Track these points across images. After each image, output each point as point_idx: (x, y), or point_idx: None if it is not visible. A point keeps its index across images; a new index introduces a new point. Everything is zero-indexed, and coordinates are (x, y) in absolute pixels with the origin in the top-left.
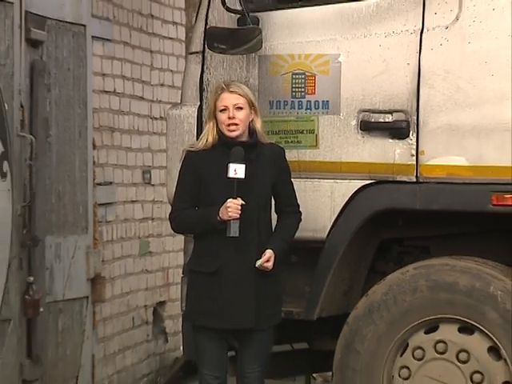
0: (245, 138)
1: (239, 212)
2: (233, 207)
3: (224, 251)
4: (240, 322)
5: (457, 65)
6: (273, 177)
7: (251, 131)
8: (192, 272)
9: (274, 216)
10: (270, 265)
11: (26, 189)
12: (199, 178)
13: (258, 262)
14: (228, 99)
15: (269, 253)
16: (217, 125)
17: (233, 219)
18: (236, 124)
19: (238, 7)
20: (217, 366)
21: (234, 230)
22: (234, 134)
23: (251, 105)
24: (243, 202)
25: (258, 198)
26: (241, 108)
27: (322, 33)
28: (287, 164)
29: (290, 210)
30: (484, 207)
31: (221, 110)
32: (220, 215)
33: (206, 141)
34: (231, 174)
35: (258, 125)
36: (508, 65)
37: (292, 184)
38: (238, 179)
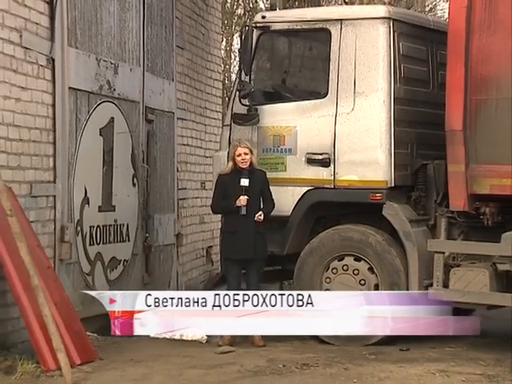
0: (248, 168)
1: (246, 202)
2: (243, 199)
3: (238, 221)
4: (246, 254)
5: (353, 131)
6: (260, 186)
7: (251, 164)
8: (223, 232)
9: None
10: (261, 218)
11: (145, 191)
12: (225, 186)
13: (257, 217)
14: (241, 150)
15: (261, 213)
16: (233, 161)
17: (242, 205)
18: (246, 161)
19: (247, 103)
20: (236, 277)
21: (243, 211)
22: (244, 166)
23: (251, 151)
24: (248, 197)
25: (254, 196)
26: (247, 153)
27: (288, 115)
28: (267, 179)
29: (269, 201)
30: (366, 200)
31: (238, 156)
32: (237, 204)
33: (228, 169)
34: (242, 184)
35: (254, 160)
36: (376, 132)
37: (269, 189)
38: (245, 186)
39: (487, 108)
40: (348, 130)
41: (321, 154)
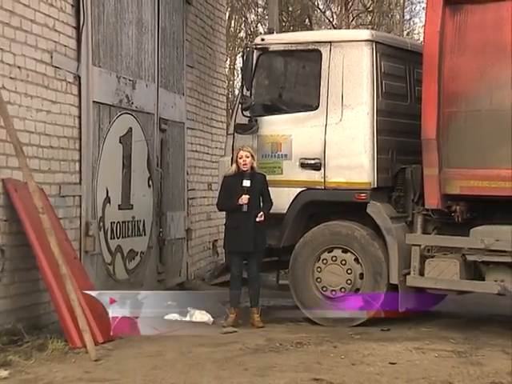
0: (249, 170)
1: (247, 201)
2: (244, 198)
3: (240, 218)
4: (247, 247)
5: (341, 139)
6: (260, 186)
7: (252, 167)
8: (227, 227)
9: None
10: (262, 218)
11: (159, 192)
12: (229, 187)
13: (258, 218)
14: (243, 153)
15: (262, 213)
16: (237, 164)
17: (244, 204)
18: (246, 164)
19: (249, 115)
20: (238, 268)
21: (245, 208)
22: (245, 168)
23: (252, 155)
24: (249, 197)
25: (255, 196)
26: (248, 157)
27: (284, 125)
28: (266, 181)
29: (268, 201)
30: (352, 199)
31: (240, 158)
32: (239, 202)
33: (232, 171)
34: (244, 184)
35: (255, 164)
36: (361, 140)
37: (268, 190)
38: (247, 187)
39: (457, 119)
40: (336, 138)
41: (313, 159)
